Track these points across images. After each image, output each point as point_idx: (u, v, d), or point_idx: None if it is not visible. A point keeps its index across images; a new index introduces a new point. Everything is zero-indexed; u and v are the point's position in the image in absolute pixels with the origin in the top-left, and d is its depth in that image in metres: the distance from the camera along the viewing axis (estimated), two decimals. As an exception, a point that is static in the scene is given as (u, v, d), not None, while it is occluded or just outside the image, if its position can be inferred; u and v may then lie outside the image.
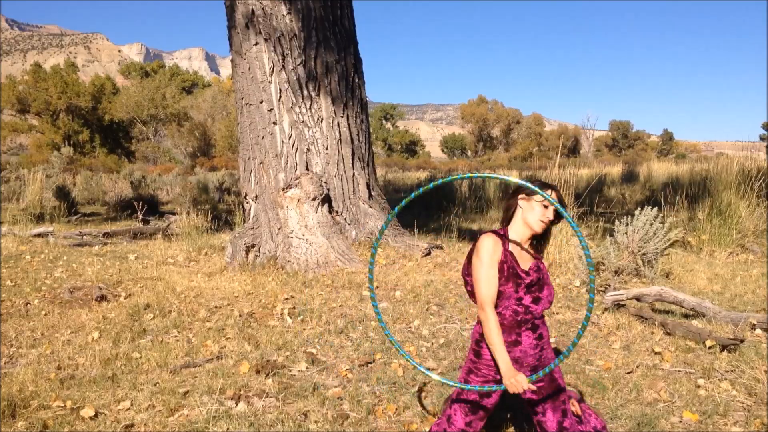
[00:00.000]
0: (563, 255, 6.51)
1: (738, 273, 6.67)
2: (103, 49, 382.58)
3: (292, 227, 6.81)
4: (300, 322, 4.97)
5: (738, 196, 7.89)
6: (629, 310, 5.05)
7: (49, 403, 3.37)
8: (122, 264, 7.38)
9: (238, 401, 3.45)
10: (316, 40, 7.22)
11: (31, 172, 15.44)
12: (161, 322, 4.99)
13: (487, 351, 2.55)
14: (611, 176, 19.01)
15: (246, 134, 7.52)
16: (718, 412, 3.30)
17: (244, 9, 7.21)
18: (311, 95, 7.23)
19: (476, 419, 2.61)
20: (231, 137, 36.12)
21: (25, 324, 4.96)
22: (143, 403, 3.40)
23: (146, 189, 19.26)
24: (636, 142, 72.12)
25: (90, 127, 44.70)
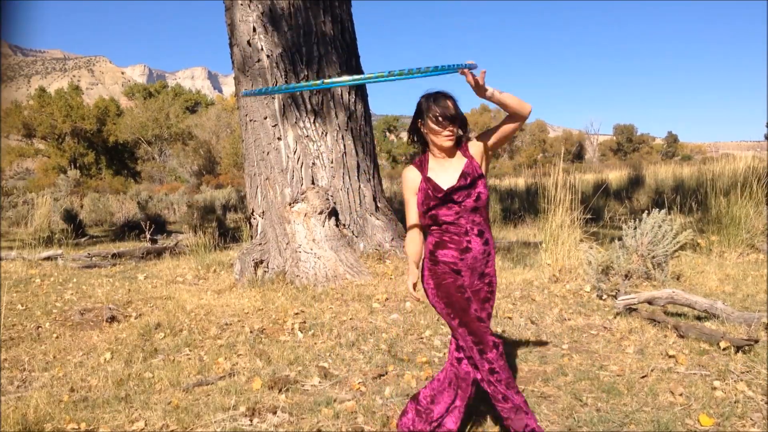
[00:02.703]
0: (572, 260, 6.48)
1: (749, 273, 6.63)
2: (107, 71, 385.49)
3: (299, 242, 6.81)
4: (311, 336, 4.95)
5: (745, 195, 7.86)
6: (641, 314, 5.02)
7: (63, 426, 3.37)
8: (132, 284, 7.40)
9: (252, 418, 3.44)
10: (318, 55, 7.26)
11: (39, 196, 15.53)
12: (172, 340, 4.99)
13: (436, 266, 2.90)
14: (617, 180, 18.98)
15: (251, 150, 7.55)
16: (736, 414, 3.27)
17: (245, 27, 7.26)
18: (315, 109, 7.26)
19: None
20: (236, 154, 36.28)
21: (36, 347, 4.96)
22: (157, 423, 3.40)
23: (153, 209, 19.33)
24: (641, 145, 71.98)
25: (95, 149, 44.99)
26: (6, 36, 14.37)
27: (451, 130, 2.81)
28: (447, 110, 2.79)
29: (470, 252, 2.84)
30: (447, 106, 2.80)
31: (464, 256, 2.84)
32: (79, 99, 48.30)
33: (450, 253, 2.85)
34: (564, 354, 4.35)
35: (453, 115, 2.79)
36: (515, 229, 11.69)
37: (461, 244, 2.83)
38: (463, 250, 2.83)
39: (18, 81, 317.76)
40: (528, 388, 3.77)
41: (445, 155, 2.90)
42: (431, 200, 2.84)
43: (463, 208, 2.81)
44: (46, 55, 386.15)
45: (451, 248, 2.84)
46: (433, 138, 2.85)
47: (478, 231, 2.84)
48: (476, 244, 2.84)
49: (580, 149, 66.28)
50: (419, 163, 2.96)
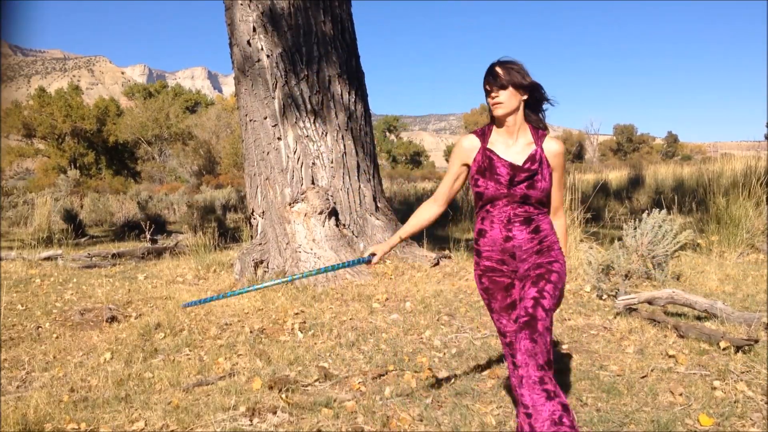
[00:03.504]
0: (572, 260, 6.48)
1: (749, 273, 6.63)
2: (107, 71, 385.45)
3: (299, 242, 6.81)
4: (311, 336, 4.96)
5: (745, 195, 7.86)
6: (641, 314, 5.02)
7: (63, 426, 3.37)
8: (132, 284, 7.40)
9: (252, 418, 3.44)
10: (318, 55, 7.26)
11: (39, 196, 15.53)
12: (172, 341, 4.99)
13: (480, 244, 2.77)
14: (617, 180, 18.98)
15: (251, 150, 7.55)
16: (736, 414, 3.27)
17: (245, 27, 7.26)
18: (315, 110, 7.26)
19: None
20: (236, 154, 36.29)
21: (36, 347, 4.96)
22: (157, 423, 3.40)
23: (153, 209, 19.33)
24: (641, 145, 72.03)
25: (95, 149, 45.03)
26: (6, 36, 14.37)
27: (496, 95, 2.63)
28: (493, 74, 2.63)
29: (512, 241, 2.66)
30: (493, 71, 2.64)
31: (505, 246, 2.68)
32: (79, 99, 48.35)
33: (490, 243, 2.71)
34: (564, 354, 4.36)
35: (499, 79, 2.61)
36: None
37: (502, 233, 2.67)
38: (505, 238, 2.67)
39: (18, 81, 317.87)
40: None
41: (508, 132, 2.70)
42: (487, 171, 2.66)
43: (512, 194, 2.63)
44: (46, 55, 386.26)
45: (495, 234, 2.69)
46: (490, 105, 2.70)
47: (524, 219, 2.65)
48: (519, 232, 2.65)
49: (580, 149, 66.29)
50: (481, 132, 2.77)
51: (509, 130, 2.69)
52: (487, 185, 2.65)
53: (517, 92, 2.64)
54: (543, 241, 2.67)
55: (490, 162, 2.66)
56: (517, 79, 2.62)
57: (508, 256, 2.69)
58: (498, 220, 2.66)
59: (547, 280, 2.60)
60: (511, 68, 2.64)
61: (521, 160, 2.64)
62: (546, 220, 2.71)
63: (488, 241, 2.71)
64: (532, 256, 2.66)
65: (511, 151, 2.67)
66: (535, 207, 2.66)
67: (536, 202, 2.65)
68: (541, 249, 2.67)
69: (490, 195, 2.65)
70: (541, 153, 2.66)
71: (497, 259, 2.71)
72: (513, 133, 2.69)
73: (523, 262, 2.67)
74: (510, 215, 2.64)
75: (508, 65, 2.64)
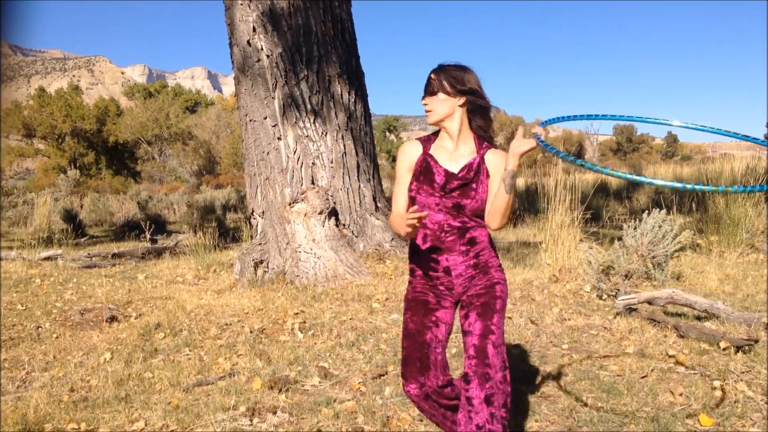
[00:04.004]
0: (572, 260, 6.49)
1: (749, 273, 6.63)
2: (107, 71, 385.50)
3: (299, 242, 6.81)
4: (311, 336, 4.96)
5: (745, 195, 7.86)
6: (641, 314, 5.02)
7: (63, 426, 3.37)
8: (132, 284, 7.40)
9: (252, 418, 3.44)
10: (318, 55, 7.26)
11: (39, 196, 15.53)
12: (172, 341, 4.99)
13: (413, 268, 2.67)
14: (617, 180, 18.97)
15: (251, 150, 7.55)
16: (736, 414, 3.27)
17: (245, 27, 7.26)
18: (315, 109, 7.26)
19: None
20: (236, 154, 36.27)
21: (36, 347, 4.96)
22: (157, 423, 3.40)
23: (153, 209, 19.33)
24: (640, 145, 71.97)
25: (95, 149, 44.99)
26: (6, 36, 14.33)
27: (425, 102, 2.56)
28: (427, 80, 2.57)
29: (444, 254, 2.55)
30: (428, 77, 2.57)
31: (440, 258, 2.56)
32: (79, 99, 48.32)
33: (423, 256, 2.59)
34: (564, 354, 4.36)
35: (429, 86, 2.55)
36: (515, 229, 11.70)
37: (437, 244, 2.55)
38: (438, 250, 2.55)
39: (18, 81, 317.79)
40: (528, 388, 3.77)
41: (449, 140, 2.60)
42: (422, 175, 2.55)
43: (444, 202, 2.52)
44: (46, 55, 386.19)
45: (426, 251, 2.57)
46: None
47: (458, 230, 2.52)
48: (453, 243, 2.53)
49: (580, 149, 66.25)
50: (426, 138, 2.67)
51: (450, 138, 2.59)
52: (420, 189, 2.55)
53: (449, 98, 2.53)
54: (480, 255, 2.55)
55: (427, 166, 2.55)
56: (447, 85, 2.52)
57: (442, 273, 2.56)
58: (431, 232, 2.54)
59: (492, 310, 2.49)
60: (445, 73, 2.54)
61: (458, 168, 2.54)
62: (483, 233, 2.58)
63: (420, 259, 2.60)
64: (468, 271, 2.54)
65: (450, 158, 2.57)
66: (470, 218, 2.53)
67: (471, 213, 2.52)
68: (477, 264, 2.55)
69: (422, 200, 2.54)
70: (480, 162, 2.54)
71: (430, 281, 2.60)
72: (454, 141, 2.59)
73: (459, 277, 2.55)
74: (444, 226, 2.52)
75: (444, 70, 2.55)
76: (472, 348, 2.44)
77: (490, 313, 2.48)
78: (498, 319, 2.48)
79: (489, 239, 2.61)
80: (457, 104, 2.55)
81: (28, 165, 44.64)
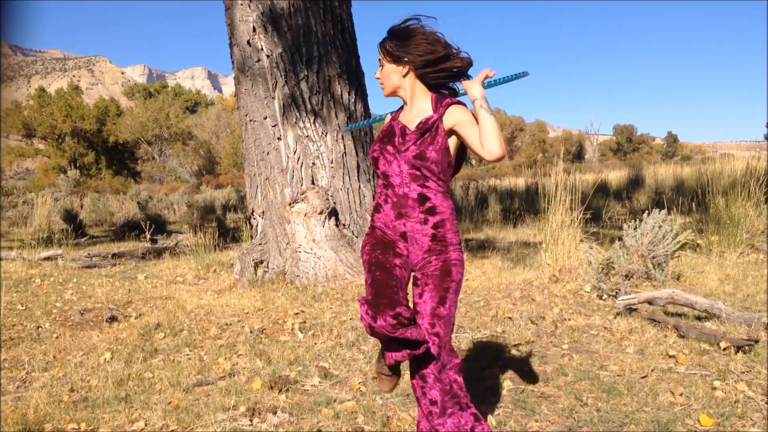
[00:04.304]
0: (572, 260, 6.48)
1: (749, 273, 6.63)
2: (107, 71, 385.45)
3: (299, 242, 6.81)
4: (311, 336, 4.96)
5: (745, 195, 7.86)
6: (641, 314, 5.02)
7: (63, 426, 3.37)
8: (132, 284, 7.40)
9: (252, 418, 3.44)
10: (318, 56, 7.26)
11: (39, 196, 15.52)
12: (172, 341, 4.99)
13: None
14: (617, 180, 18.99)
15: (251, 150, 7.55)
16: (736, 414, 3.27)
17: (245, 27, 7.26)
18: (315, 109, 7.26)
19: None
20: (236, 154, 36.30)
21: (36, 347, 4.96)
22: (157, 423, 3.40)
23: (153, 209, 19.33)
24: (641, 145, 71.99)
25: (95, 149, 45.03)
26: (6, 36, 14.28)
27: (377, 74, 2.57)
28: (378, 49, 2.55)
29: (403, 219, 2.50)
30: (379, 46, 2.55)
31: (396, 224, 2.52)
32: (79, 99, 48.36)
33: (383, 217, 2.57)
34: (564, 354, 4.36)
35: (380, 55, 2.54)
36: (515, 229, 11.70)
37: (395, 208, 2.51)
38: (397, 215, 2.51)
39: (18, 81, 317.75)
40: (528, 388, 3.77)
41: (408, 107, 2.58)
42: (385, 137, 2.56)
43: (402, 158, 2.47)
44: (46, 55, 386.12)
45: (386, 211, 2.55)
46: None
47: (418, 195, 2.46)
48: (412, 209, 2.48)
49: (580, 149, 66.28)
50: (398, 109, 2.68)
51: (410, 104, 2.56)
52: (382, 150, 2.52)
53: (395, 68, 2.51)
54: (438, 228, 2.48)
55: (390, 127, 2.55)
56: (389, 55, 2.50)
57: (399, 237, 2.53)
58: (392, 194, 2.50)
59: (446, 291, 2.47)
60: (388, 42, 2.51)
61: (414, 126, 2.50)
62: (445, 205, 2.50)
63: (381, 219, 2.57)
64: (425, 242, 2.49)
65: (408, 122, 2.54)
66: (430, 180, 2.46)
67: (431, 174, 2.45)
68: (435, 236, 2.48)
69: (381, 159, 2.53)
70: (437, 120, 2.45)
71: (389, 240, 2.56)
72: (409, 107, 2.56)
73: (415, 244, 2.51)
74: (405, 191, 2.46)
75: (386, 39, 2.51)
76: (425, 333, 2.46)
77: (443, 294, 2.47)
78: (450, 303, 2.49)
79: (450, 212, 2.52)
80: (402, 73, 2.51)
81: (28, 165, 44.66)
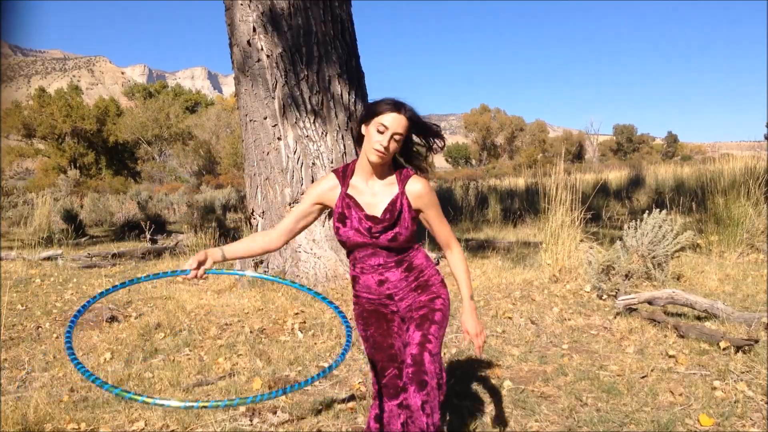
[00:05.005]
0: (572, 260, 6.49)
1: (749, 273, 6.63)
2: (107, 71, 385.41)
3: (299, 242, 6.82)
4: (311, 336, 4.96)
5: (745, 195, 7.86)
6: (641, 314, 5.02)
7: (63, 426, 3.37)
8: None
9: (252, 418, 3.44)
10: (318, 56, 7.25)
11: (39, 196, 15.52)
12: (172, 341, 4.99)
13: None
14: (617, 180, 18.98)
15: (251, 151, 7.55)
16: (736, 414, 3.27)
17: (245, 27, 7.26)
18: (315, 109, 7.26)
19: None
20: (236, 154, 36.30)
21: (36, 347, 4.96)
22: (157, 423, 3.40)
23: (153, 209, 19.32)
24: (641, 145, 72.05)
25: (95, 149, 45.02)
26: (6, 36, 14.31)
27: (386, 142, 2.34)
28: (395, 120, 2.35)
29: (386, 284, 2.50)
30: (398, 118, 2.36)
31: (380, 290, 2.52)
32: (79, 99, 48.40)
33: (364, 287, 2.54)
34: (564, 354, 4.36)
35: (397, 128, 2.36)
36: (515, 229, 11.70)
37: (375, 278, 2.50)
38: (378, 283, 2.51)
39: (18, 81, 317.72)
40: (528, 388, 3.77)
41: (374, 173, 2.47)
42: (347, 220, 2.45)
43: (375, 243, 2.45)
44: (46, 55, 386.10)
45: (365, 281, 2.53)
46: (366, 145, 2.40)
47: (395, 261, 2.48)
48: (392, 274, 2.49)
49: (580, 149, 66.29)
50: (342, 172, 2.53)
51: (380, 174, 2.47)
52: (348, 235, 2.45)
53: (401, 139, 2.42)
54: (420, 277, 2.53)
55: (348, 211, 2.45)
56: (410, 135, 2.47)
57: (385, 298, 2.53)
58: (368, 266, 2.49)
59: (431, 321, 2.48)
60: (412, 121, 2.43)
61: (380, 209, 2.43)
62: (419, 255, 2.54)
63: (363, 287, 2.54)
64: (410, 294, 2.52)
65: (370, 195, 2.46)
66: (404, 249, 2.49)
67: (404, 244, 2.47)
68: (419, 285, 2.53)
69: (353, 244, 2.48)
70: (402, 198, 2.43)
71: (377, 301, 2.55)
72: (381, 178, 2.48)
73: (403, 300, 2.52)
74: (380, 261, 2.47)
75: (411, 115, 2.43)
76: (410, 357, 2.43)
77: (428, 324, 2.47)
78: (436, 329, 2.48)
79: (426, 258, 2.58)
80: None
81: (28, 165, 44.67)
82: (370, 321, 2.56)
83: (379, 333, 2.54)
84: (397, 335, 2.54)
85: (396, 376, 2.47)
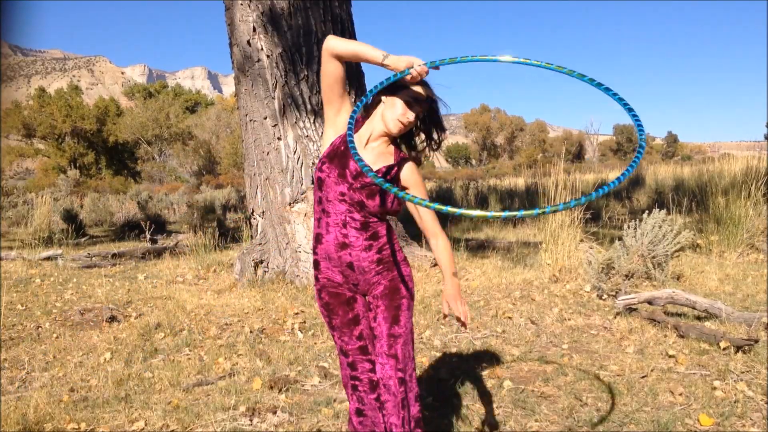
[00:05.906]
0: (572, 260, 6.48)
1: (749, 273, 6.63)
2: (107, 71, 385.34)
3: (299, 242, 6.82)
4: (311, 336, 4.96)
5: (745, 195, 7.86)
6: (641, 314, 5.02)
7: (63, 426, 3.37)
8: (132, 284, 7.40)
9: (252, 418, 3.44)
10: (318, 55, 7.23)
11: (39, 196, 15.51)
12: (172, 340, 4.99)
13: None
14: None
15: (251, 150, 7.55)
16: (736, 414, 3.27)
17: (245, 27, 7.26)
18: (315, 110, 7.25)
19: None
20: (236, 154, 36.30)
21: (36, 347, 4.96)
22: (157, 423, 3.40)
23: (153, 209, 19.32)
24: (640, 145, 71.95)
25: (95, 149, 45.02)
26: (6, 36, 14.32)
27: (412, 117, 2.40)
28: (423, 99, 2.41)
29: (348, 248, 2.43)
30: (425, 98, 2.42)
31: (341, 255, 2.44)
32: (79, 99, 48.39)
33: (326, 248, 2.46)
34: (564, 354, 4.36)
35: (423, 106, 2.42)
36: (515, 229, 11.69)
37: (338, 238, 2.43)
38: (341, 245, 2.43)
39: (18, 81, 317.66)
40: (528, 388, 3.77)
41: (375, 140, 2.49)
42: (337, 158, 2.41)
43: (351, 193, 2.39)
44: (46, 55, 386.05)
45: (328, 241, 2.45)
46: (386, 113, 2.43)
47: (361, 224, 2.41)
48: (356, 238, 2.42)
49: (580, 149, 66.31)
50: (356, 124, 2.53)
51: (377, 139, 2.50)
52: (330, 173, 2.40)
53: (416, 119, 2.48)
54: (383, 249, 2.46)
55: (345, 152, 2.40)
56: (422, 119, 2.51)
57: (346, 267, 2.45)
58: (333, 223, 2.42)
59: (399, 310, 2.49)
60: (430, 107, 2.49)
61: (375, 166, 2.43)
62: (384, 227, 2.48)
63: (323, 254, 2.47)
64: (372, 270, 2.46)
65: (367, 154, 2.46)
66: (373, 215, 2.43)
67: (374, 214, 2.43)
68: (381, 259, 2.46)
69: (328, 184, 2.41)
70: (397, 172, 2.47)
71: (336, 272, 2.48)
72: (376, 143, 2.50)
73: (364, 273, 2.46)
74: (346, 218, 2.40)
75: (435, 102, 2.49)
76: (383, 355, 2.45)
77: (396, 313, 2.48)
78: (405, 320, 2.50)
79: (389, 231, 2.52)
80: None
81: (28, 165, 44.67)
82: (335, 310, 2.50)
83: (345, 323, 2.48)
84: (364, 319, 2.50)
85: (370, 369, 2.45)
